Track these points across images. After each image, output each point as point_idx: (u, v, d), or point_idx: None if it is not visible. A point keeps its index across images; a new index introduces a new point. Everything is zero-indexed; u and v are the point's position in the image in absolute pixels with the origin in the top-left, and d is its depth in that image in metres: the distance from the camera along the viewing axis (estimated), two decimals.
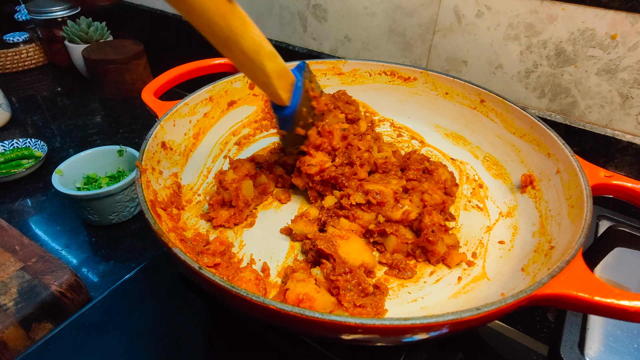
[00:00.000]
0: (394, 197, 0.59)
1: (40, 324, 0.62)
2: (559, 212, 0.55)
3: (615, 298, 0.38)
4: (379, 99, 0.87)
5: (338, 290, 0.48)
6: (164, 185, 0.60)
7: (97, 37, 1.40)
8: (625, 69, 0.70)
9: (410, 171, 0.66)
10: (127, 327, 0.61)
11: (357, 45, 0.99)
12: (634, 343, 0.55)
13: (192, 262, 0.40)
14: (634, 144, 0.73)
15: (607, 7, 0.67)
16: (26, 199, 0.94)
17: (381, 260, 0.57)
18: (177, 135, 0.68)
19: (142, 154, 0.56)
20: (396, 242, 0.56)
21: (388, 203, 0.58)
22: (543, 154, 0.64)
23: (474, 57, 0.84)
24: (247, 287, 0.49)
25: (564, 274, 0.41)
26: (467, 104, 0.78)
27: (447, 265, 0.57)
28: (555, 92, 0.78)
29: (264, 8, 1.09)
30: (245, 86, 0.80)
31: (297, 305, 0.45)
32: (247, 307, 0.39)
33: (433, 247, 0.54)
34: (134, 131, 1.20)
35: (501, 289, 0.51)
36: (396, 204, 0.58)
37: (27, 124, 1.23)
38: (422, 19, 0.86)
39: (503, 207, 0.65)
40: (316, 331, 0.41)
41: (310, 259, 0.54)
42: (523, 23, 0.75)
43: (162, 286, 0.68)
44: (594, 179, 0.54)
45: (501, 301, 0.38)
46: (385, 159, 0.67)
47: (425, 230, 0.55)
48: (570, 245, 0.45)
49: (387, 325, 0.36)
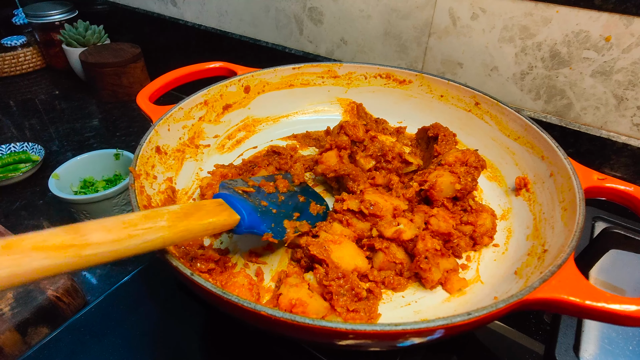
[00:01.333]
0: (392, 212, 0.57)
1: (36, 328, 0.62)
2: (552, 215, 0.55)
3: (607, 302, 0.38)
4: (375, 102, 0.87)
5: (331, 295, 0.48)
6: (158, 190, 0.60)
7: (95, 40, 1.41)
8: (620, 71, 0.70)
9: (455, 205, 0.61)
10: (123, 331, 0.61)
11: (353, 47, 0.99)
12: (629, 345, 0.55)
13: (184, 269, 0.40)
14: (629, 146, 0.73)
15: (601, 9, 0.67)
16: (23, 203, 0.94)
17: (368, 277, 0.54)
18: (172, 140, 0.68)
19: (136, 159, 0.57)
20: (383, 260, 0.54)
21: (385, 217, 0.56)
22: (537, 157, 0.64)
23: (469, 60, 0.84)
24: (240, 292, 0.49)
25: (555, 278, 0.41)
26: (462, 106, 0.78)
27: (447, 291, 0.54)
28: (551, 94, 0.78)
29: (260, 11, 1.09)
30: (241, 90, 0.81)
31: (290, 310, 0.45)
32: (239, 313, 0.39)
33: (425, 274, 0.52)
34: (131, 134, 1.20)
35: (494, 293, 0.51)
36: (392, 220, 0.56)
37: (24, 128, 1.23)
38: (418, 21, 0.86)
39: (497, 210, 0.65)
40: (308, 337, 0.41)
41: (304, 264, 0.54)
42: (518, 25, 0.75)
43: (159, 290, 0.68)
44: (587, 181, 0.54)
45: (492, 306, 0.38)
46: None
47: (417, 257, 0.53)
48: (562, 249, 0.45)
49: (378, 331, 0.36)
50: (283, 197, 0.60)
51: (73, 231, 0.33)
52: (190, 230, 0.42)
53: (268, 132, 0.85)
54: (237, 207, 0.49)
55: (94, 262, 0.34)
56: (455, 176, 0.60)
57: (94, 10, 1.55)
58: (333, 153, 0.66)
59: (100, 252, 0.34)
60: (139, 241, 0.37)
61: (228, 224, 0.47)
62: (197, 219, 0.43)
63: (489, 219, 0.60)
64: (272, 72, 0.83)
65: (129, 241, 0.36)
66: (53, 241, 0.31)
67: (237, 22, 1.17)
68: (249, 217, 0.50)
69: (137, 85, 1.34)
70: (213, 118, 0.78)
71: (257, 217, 0.51)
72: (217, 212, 0.47)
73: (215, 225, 0.45)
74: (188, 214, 0.43)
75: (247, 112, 0.83)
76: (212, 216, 0.45)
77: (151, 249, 0.39)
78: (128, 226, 0.37)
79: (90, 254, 0.33)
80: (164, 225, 0.40)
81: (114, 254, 0.35)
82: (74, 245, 0.32)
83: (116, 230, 0.36)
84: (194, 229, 0.43)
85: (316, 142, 0.82)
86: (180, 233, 0.41)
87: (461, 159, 0.63)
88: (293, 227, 0.55)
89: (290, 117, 0.88)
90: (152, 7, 1.36)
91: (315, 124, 0.86)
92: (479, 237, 0.58)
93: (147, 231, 0.38)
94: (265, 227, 0.51)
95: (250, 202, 0.53)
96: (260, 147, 0.81)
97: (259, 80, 0.82)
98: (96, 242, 0.34)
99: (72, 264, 0.32)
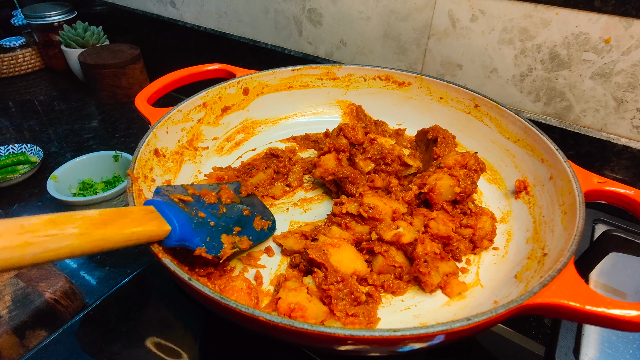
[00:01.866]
0: (391, 216, 0.57)
1: (34, 331, 0.62)
2: (552, 219, 0.55)
3: (607, 307, 0.38)
4: (374, 104, 0.87)
5: (330, 299, 0.47)
6: None
7: (94, 41, 1.40)
8: (620, 73, 0.70)
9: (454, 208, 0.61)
10: (122, 334, 0.61)
11: (353, 49, 0.99)
12: (629, 349, 0.54)
13: (181, 273, 0.40)
14: (629, 148, 0.73)
15: (600, 12, 0.67)
16: (22, 205, 0.94)
17: (368, 280, 0.54)
18: (171, 142, 0.68)
19: (134, 162, 0.56)
20: (383, 264, 0.54)
21: (384, 221, 0.56)
22: (537, 159, 0.64)
23: (468, 61, 0.84)
24: (238, 296, 0.49)
25: (555, 282, 0.41)
26: (462, 108, 0.78)
27: (447, 295, 0.54)
28: (550, 95, 0.78)
29: (259, 12, 1.09)
30: (240, 92, 0.80)
31: (288, 315, 0.45)
32: (237, 318, 0.39)
33: (425, 278, 0.52)
34: (130, 135, 1.20)
35: (494, 297, 0.51)
36: (391, 224, 0.56)
37: (23, 129, 1.23)
38: (417, 23, 0.86)
39: (497, 213, 0.65)
40: (307, 342, 0.41)
41: (303, 268, 0.54)
42: (517, 27, 0.75)
43: (158, 292, 0.68)
44: (587, 185, 0.54)
45: (492, 311, 0.38)
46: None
47: (417, 260, 0.53)
48: (562, 253, 0.45)
49: (377, 336, 0.35)
50: (225, 209, 0.55)
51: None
52: (107, 239, 0.38)
53: (267, 134, 0.85)
54: (169, 216, 0.45)
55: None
56: (454, 179, 0.60)
57: (93, 11, 1.55)
58: (331, 156, 0.65)
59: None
60: (38, 250, 0.33)
61: (156, 234, 0.43)
62: (118, 228, 0.40)
63: (489, 222, 0.60)
64: (271, 74, 0.82)
65: (24, 249, 0.32)
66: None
67: (236, 24, 1.16)
68: (181, 228, 0.46)
69: (136, 86, 1.34)
70: (212, 120, 0.77)
71: (190, 229, 0.47)
72: (144, 221, 0.42)
73: (140, 235, 0.41)
74: (107, 222, 0.39)
75: (246, 114, 0.83)
76: (136, 225, 0.41)
77: (55, 258, 0.34)
78: (26, 232, 0.33)
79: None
80: (74, 232, 0.35)
81: (3, 264, 0.31)
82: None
83: (9, 236, 0.32)
84: (113, 239, 0.39)
85: (315, 145, 0.82)
86: (95, 242, 0.37)
87: (461, 162, 0.63)
88: (231, 242, 0.51)
89: (289, 119, 0.88)
90: (151, 8, 1.36)
91: (314, 126, 0.86)
92: (478, 240, 0.58)
93: (50, 239, 0.34)
94: (198, 241, 0.47)
95: (185, 212, 0.48)
96: (259, 149, 0.81)
97: (258, 82, 0.82)
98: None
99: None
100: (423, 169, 0.70)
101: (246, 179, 0.69)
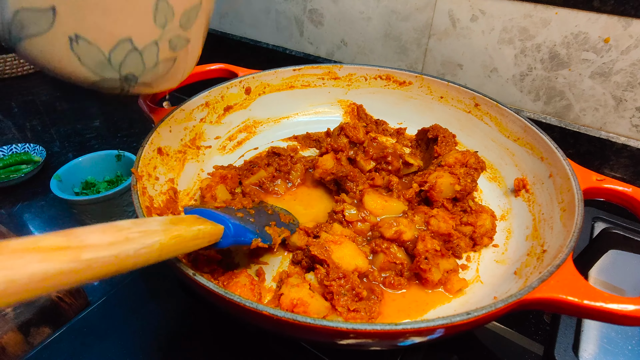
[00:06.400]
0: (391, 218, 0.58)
1: (39, 328, 0.63)
2: (551, 216, 0.56)
3: (605, 302, 0.39)
4: (375, 103, 0.87)
5: (332, 295, 0.48)
6: (160, 191, 0.61)
7: None
8: (619, 72, 0.70)
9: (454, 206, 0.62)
10: (125, 331, 0.62)
11: (354, 49, 1.00)
12: (629, 345, 0.55)
13: (186, 269, 0.41)
14: (628, 146, 0.73)
15: (599, 11, 0.67)
16: (25, 204, 0.94)
17: (369, 278, 0.54)
18: (174, 141, 0.69)
19: (137, 161, 0.57)
20: (384, 261, 0.54)
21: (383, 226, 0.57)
22: (536, 158, 0.64)
23: (469, 61, 0.84)
24: (241, 292, 0.50)
25: (554, 278, 0.41)
26: (462, 107, 0.78)
27: (447, 292, 0.54)
28: (550, 95, 0.78)
29: (260, 13, 1.10)
30: (242, 91, 0.81)
31: (291, 310, 0.45)
32: (241, 312, 0.39)
33: (426, 275, 0.52)
34: (132, 135, 1.20)
35: (494, 293, 0.51)
36: (392, 221, 0.56)
37: (26, 129, 1.23)
38: (418, 23, 0.87)
39: (497, 211, 0.66)
40: (309, 336, 0.42)
41: (305, 264, 0.54)
42: (517, 27, 0.76)
43: (161, 290, 0.69)
44: (586, 182, 0.55)
45: (491, 306, 0.38)
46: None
47: (417, 257, 0.53)
48: (561, 250, 0.46)
49: (379, 330, 0.36)
50: (253, 211, 0.57)
51: (65, 234, 0.31)
52: (183, 236, 0.40)
53: (269, 133, 0.85)
54: (217, 218, 0.46)
55: (97, 269, 0.31)
56: (455, 177, 0.61)
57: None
58: (329, 156, 0.66)
59: (101, 257, 0.31)
60: (137, 245, 0.34)
61: (215, 233, 0.45)
62: (187, 224, 0.41)
63: (489, 219, 0.60)
64: (273, 73, 0.83)
65: (127, 244, 0.34)
66: (45, 243, 0.29)
67: (238, 24, 1.17)
68: (234, 226, 0.47)
69: None
70: (214, 119, 0.78)
71: (242, 226, 0.49)
72: (202, 222, 0.44)
73: (204, 233, 0.43)
74: (174, 222, 0.41)
75: (248, 113, 0.84)
76: (199, 224, 0.43)
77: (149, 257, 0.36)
78: (122, 229, 0.35)
79: (91, 258, 0.31)
80: (157, 229, 0.37)
81: (115, 261, 0.32)
82: (70, 248, 0.30)
83: (111, 233, 0.34)
84: (187, 235, 0.40)
85: (316, 144, 0.83)
86: (175, 239, 0.38)
87: (461, 160, 0.63)
88: (277, 232, 0.54)
89: (290, 118, 0.88)
90: None
91: (315, 125, 0.87)
92: (478, 237, 0.59)
93: (142, 234, 0.36)
94: (252, 234, 0.49)
95: (229, 214, 0.50)
96: (261, 148, 0.82)
97: (260, 81, 0.83)
98: (93, 244, 0.32)
99: (73, 270, 0.30)
100: (423, 167, 0.71)
101: (248, 176, 0.69)
